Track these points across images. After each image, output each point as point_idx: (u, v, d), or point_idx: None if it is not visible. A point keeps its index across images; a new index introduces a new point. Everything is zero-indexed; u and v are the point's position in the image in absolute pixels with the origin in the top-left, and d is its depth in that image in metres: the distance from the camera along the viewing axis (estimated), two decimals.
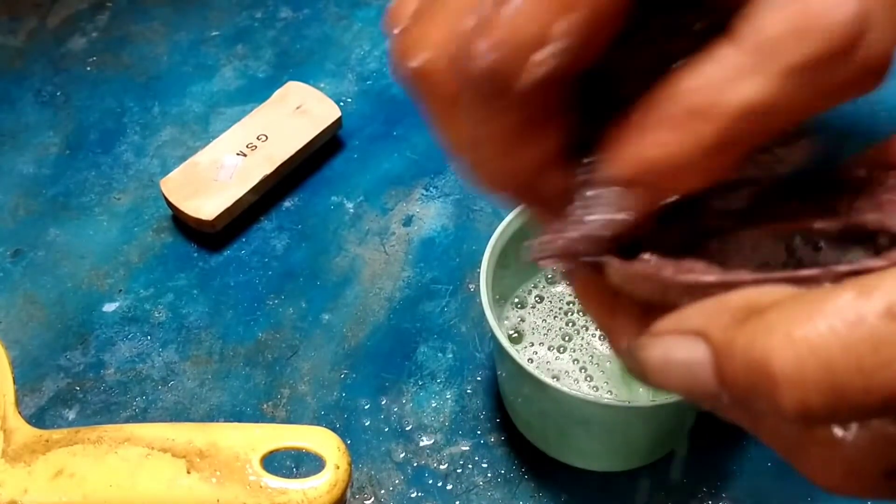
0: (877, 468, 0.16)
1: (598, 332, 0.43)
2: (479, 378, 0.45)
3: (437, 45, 0.18)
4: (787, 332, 0.14)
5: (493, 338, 0.37)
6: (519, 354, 0.38)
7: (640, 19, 0.18)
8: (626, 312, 0.20)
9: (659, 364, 0.17)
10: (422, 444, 0.43)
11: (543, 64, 0.16)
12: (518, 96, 0.17)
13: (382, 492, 0.41)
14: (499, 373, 0.42)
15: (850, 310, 0.14)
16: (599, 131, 0.19)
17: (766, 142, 0.17)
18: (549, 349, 0.42)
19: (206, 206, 0.49)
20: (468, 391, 0.44)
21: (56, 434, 0.36)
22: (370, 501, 0.41)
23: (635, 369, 0.18)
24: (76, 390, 0.45)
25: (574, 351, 0.42)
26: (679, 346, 0.16)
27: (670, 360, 0.17)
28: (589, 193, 0.18)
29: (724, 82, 0.16)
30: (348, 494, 0.40)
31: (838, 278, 0.16)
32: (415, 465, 0.42)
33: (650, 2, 0.18)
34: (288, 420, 0.44)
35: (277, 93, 0.55)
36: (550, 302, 0.44)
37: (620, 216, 0.18)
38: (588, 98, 0.19)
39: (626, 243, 0.19)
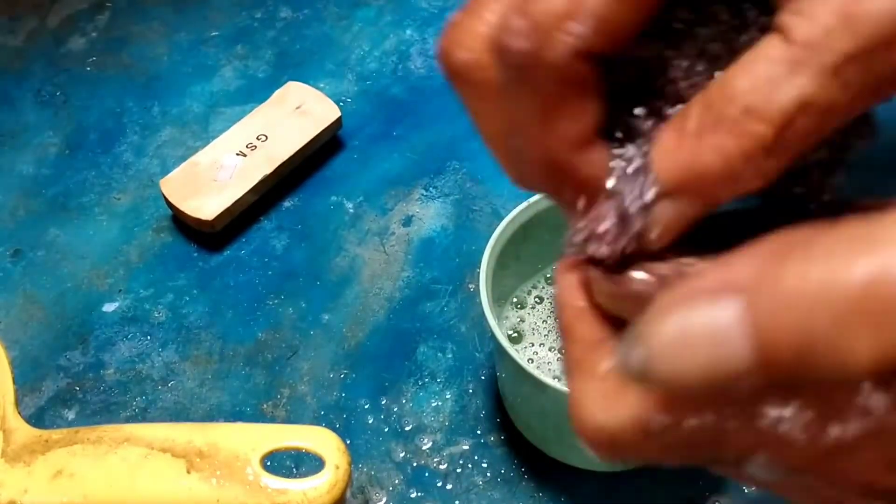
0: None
1: None
2: (479, 378, 0.45)
3: (480, 38, 0.19)
4: (851, 260, 0.12)
5: (493, 338, 0.37)
6: (519, 354, 0.38)
7: (675, 11, 0.18)
8: (599, 336, 0.19)
9: (674, 341, 0.13)
10: (422, 443, 0.43)
11: (575, 36, 0.17)
12: (551, 69, 0.17)
13: (382, 492, 0.41)
14: (499, 373, 0.42)
15: None
16: (631, 122, 0.19)
17: (819, 140, 0.16)
18: (549, 349, 0.42)
19: (206, 206, 0.49)
20: (468, 391, 0.44)
21: (56, 434, 0.36)
22: (370, 501, 0.41)
23: (635, 366, 0.14)
24: (76, 390, 0.45)
25: None
26: (699, 310, 0.13)
27: (689, 333, 0.13)
28: (629, 201, 0.18)
29: (778, 80, 0.16)
30: (348, 494, 0.40)
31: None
32: (415, 465, 0.42)
33: None
34: (288, 420, 0.44)
35: (277, 93, 0.55)
36: (550, 302, 0.44)
37: (661, 224, 0.17)
38: (620, 88, 0.19)
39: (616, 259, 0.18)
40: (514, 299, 0.44)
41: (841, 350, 0.12)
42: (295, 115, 0.53)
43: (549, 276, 0.45)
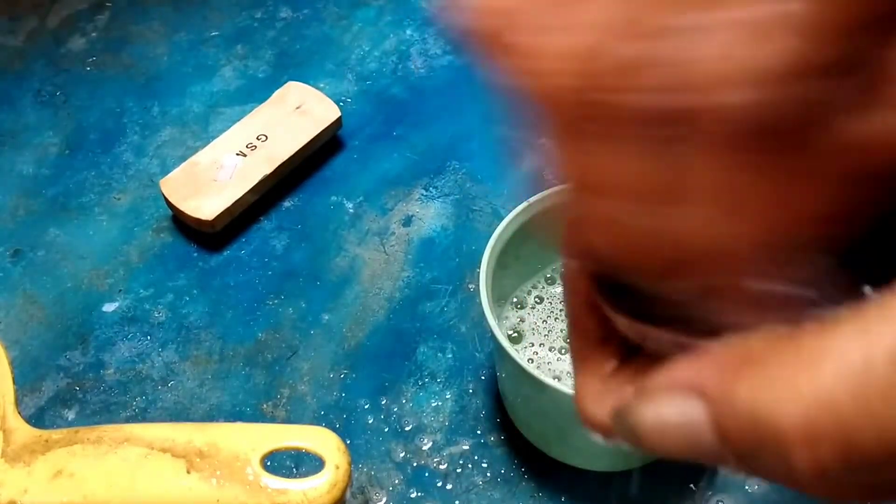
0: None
1: None
2: (479, 378, 0.45)
3: (570, 57, 0.15)
4: (792, 384, 0.13)
5: (493, 338, 0.37)
6: (518, 354, 0.38)
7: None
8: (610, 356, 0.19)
9: (653, 427, 0.15)
10: (422, 444, 0.43)
11: (739, 104, 0.13)
12: (696, 141, 0.14)
13: (382, 492, 0.41)
14: (499, 373, 0.42)
15: (856, 355, 0.13)
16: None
17: None
18: (549, 350, 0.42)
19: (206, 206, 0.49)
20: (468, 391, 0.44)
21: (56, 434, 0.36)
22: (370, 501, 0.41)
23: (628, 436, 0.16)
24: (76, 390, 0.45)
25: None
26: (672, 404, 0.15)
27: (664, 422, 0.15)
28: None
29: None
30: (348, 494, 0.40)
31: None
32: (415, 465, 0.42)
33: None
34: (288, 420, 0.44)
35: (277, 93, 0.55)
36: (550, 303, 0.44)
37: None
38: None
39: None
40: (514, 299, 0.44)
41: (784, 462, 0.13)
42: (295, 115, 0.53)
43: (549, 276, 0.45)
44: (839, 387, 0.13)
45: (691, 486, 0.41)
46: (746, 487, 0.40)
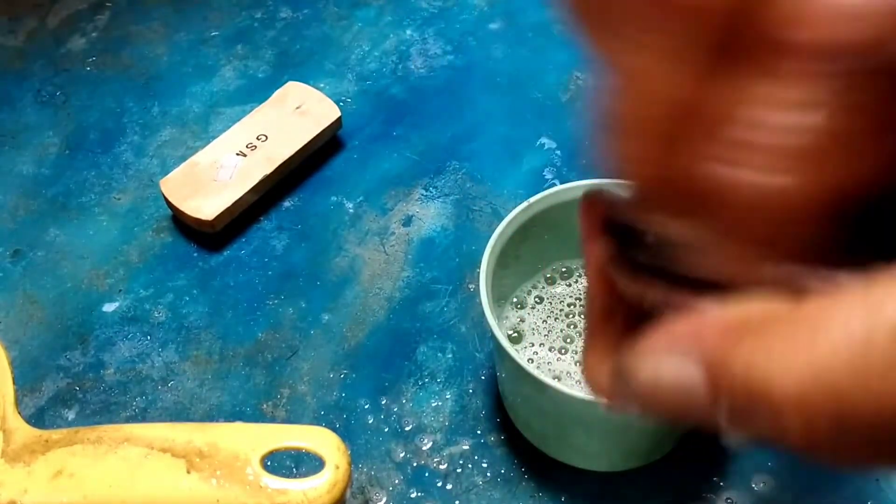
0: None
1: None
2: (479, 378, 0.45)
3: None
4: (789, 354, 0.13)
5: (493, 338, 0.37)
6: (519, 354, 0.38)
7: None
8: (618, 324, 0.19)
9: (649, 386, 0.16)
10: (422, 444, 0.43)
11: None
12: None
13: (382, 492, 0.41)
14: (498, 373, 0.42)
15: (857, 328, 0.12)
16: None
17: None
18: (549, 350, 0.42)
19: (206, 206, 0.49)
20: (468, 391, 0.44)
21: (55, 434, 0.36)
22: (370, 501, 0.41)
23: (624, 394, 0.16)
24: (76, 390, 0.45)
25: (576, 353, 0.42)
26: (669, 364, 0.15)
27: (660, 381, 0.15)
28: None
29: None
30: (348, 494, 0.40)
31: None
32: (415, 465, 0.42)
33: None
34: (288, 420, 0.44)
35: (277, 93, 0.55)
36: (550, 303, 0.44)
37: None
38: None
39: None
40: (514, 299, 0.44)
41: (777, 428, 0.13)
42: (295, 115, 0.53)
43: (549, 276, 0.45)
44: (837, 358, 0.13)
45: (689, 487, 0.41)
46: (753, 486, 0.40)
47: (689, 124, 0.15)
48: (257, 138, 0.52)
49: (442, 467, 0.42)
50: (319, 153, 0.54)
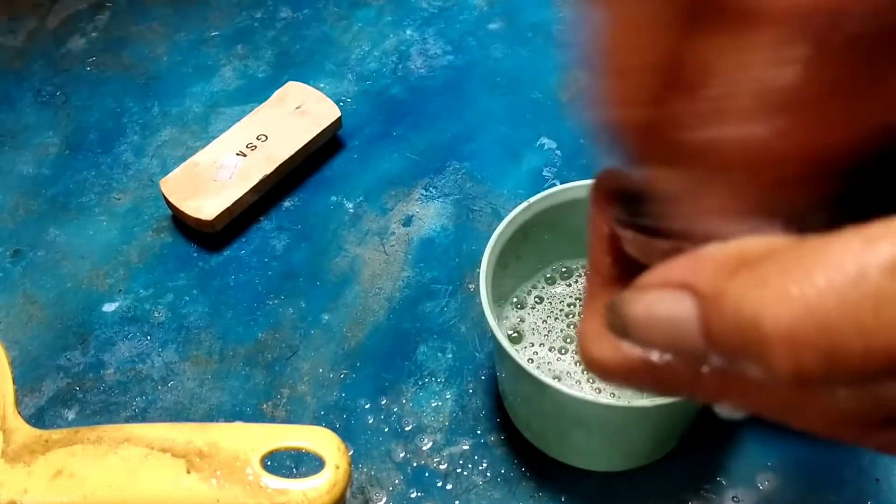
0: (877, 418, 0.14)
1: None
2: (479, 378, 0.45)
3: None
4: (782, 288, 0.13)
5: (493, 338, 0.37)
6: (519, 354, 0.38)
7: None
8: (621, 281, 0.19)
9: (642, 319, 0.16)
10: (422, 444, 0.43)
11: None
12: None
13: (382, 492, 0.41)
14: (499, 373, 0.42)
15: (850, 264, 0.12)
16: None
17: None
18: (549, 350, 0.42)
19: (206, 206, 0.49)
20: (468, 391, 0.44)
21: (55, 434, 0.36)
22: (370, 501, 0.41)
23: (617, 328, 0.16)
24: (76, 390, 0.45)
25: (576, 353, 0.42)
26: (663, 299, 0.15)
27: (654, 316, 0.15)
28: None
29: None
30: (348, 494, 0.40)
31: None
32: (415, 465, 0.42)
33: None
34: (288, 420, 0.44)
35: (277, 93, 0.55)
36: (550, 303, 0.44)
37: None
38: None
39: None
40: (514, 299, 0.44)
41: (765, 366, 0.13)
42: (295, 115, 0.53)
43: (549, 276, 0.45)
44: (829, 294, 0.13)
45: (689, 488, 0.41)
46: (759, 485, 0.40)
47: (670, 74, 0.16)
48: (257, 138, 0.52)
49: (442, 467, 0.42)
50: (319, 153, 0.54)
